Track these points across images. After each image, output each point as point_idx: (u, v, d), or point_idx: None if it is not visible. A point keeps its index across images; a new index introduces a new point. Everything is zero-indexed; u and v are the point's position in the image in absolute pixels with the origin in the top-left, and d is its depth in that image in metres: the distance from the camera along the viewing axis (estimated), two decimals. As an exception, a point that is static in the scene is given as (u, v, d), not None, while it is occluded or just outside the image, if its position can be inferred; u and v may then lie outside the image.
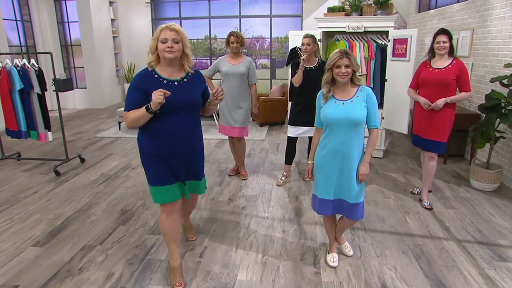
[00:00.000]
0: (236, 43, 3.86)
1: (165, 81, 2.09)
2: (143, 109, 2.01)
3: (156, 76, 2.09)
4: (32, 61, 4.32)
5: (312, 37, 3.67)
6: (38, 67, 4.31)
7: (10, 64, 4.30)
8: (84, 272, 2.54)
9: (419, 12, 6.88)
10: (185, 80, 2.16)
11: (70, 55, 9.28)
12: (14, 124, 4.47)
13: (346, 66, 2.22)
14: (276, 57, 9.62)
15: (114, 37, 9.43)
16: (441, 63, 3.29)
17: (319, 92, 2.40)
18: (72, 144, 5.77)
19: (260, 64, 9.92)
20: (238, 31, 4.58)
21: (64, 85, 4.46)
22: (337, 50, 2.26)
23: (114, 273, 2.53)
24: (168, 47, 2.02)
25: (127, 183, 4.16)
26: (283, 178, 4.13)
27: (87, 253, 2.78)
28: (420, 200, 3.63)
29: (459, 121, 4.13)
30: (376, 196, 3.78)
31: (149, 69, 2.11)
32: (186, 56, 2.13)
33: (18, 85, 4.26)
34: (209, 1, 9.28)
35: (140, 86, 2.07)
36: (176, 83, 2.12)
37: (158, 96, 1.92)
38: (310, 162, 2.50)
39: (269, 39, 9.44)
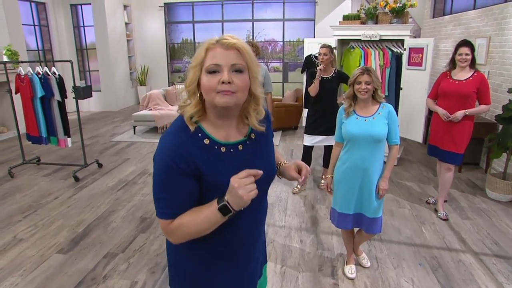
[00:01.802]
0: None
1: (223, 148, 1.12)
2: (212, 212, 1.04)
3: (207, 141, 1.10)
4: (53, 69, 4.43)
5: (329, 47, 3.71)
6: (59, 75, 4.42)
7: (32, 72, 4.41)
8: (108, 280, 2.61)
9: (433, 17, 6.85)
10: (252, 137, 1.19)
11: (85, 58, 9.44)
12: (35, 130, 4.58)
13: (367, 83, 2.26)
14: (288, 60, 9.66)
15: (128, 40, 9.57)
16: (462, 74, 3.29)
17: (340, 108, 2.44)
18: (89, 148, 5.88)
19: (272, 67, 9.96)
20: (254, 39, 4.63)
21: (84, 92, 4.56)
22: (359, 67, 2.31)
23: (137, 281, 2.60)
24: (223, 82, 1.03)
25: (145, 189, 4.24)
26: (298, 186, 4.17)
27: (110, 261, 2.86)
28: (436, 210, 3.64)
29: (475, 129, 4.10)
30: (391, 205, 3.80)
31: (191, 128, 1.09)
32: (254, 99, 1.15)
33: (39, 92, 4.37)
34: (222, 5, 9.36)
35: (183, 166, 1.04)
36: (240, 146, 1.15)
37: (249, 186, 1.01)
38: (329, 176, 2.54)
39: (281, 43, 9.48)
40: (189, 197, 1.08)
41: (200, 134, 1.10)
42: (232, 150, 1.13)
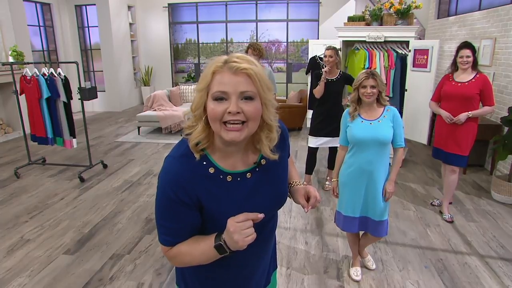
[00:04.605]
0: (255, 56, 3.89)
1: (229, 177, 1.06)
2: (208, 247, 1.02)
3: (212, 170, 1.04)
4: (59, 70, 4.46)
5: (334, 49, 3.71)
6: (65, 76, 4.44)
7: (38, 73, 4.44)
8: (115, 282, 2.63)
9: (438, 18, 6.83)
10: (263, 163, 1.11)
11: (90, 59, 9.48)
12: (42, 131, 4.61)
13: (372, 87, 2.27)
14: (292, 60, 9.67)
15: (132, 41, 9.59)
16: (464, 76, 3.29)
17: (345, 112, 2.45)
18: (94, 148, 5.90)
19: (275, 67, 9.98)
20: (257, 41, 4.62)
21: (89, 93, 4.59)
22: (364, 71, 2.32)
23: (143, 283, 2.62)
24: (230, 113, 0.95)
25: (150, 190, 4.26)
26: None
27: (116, 262, 2.87)
28: (441, 212, 3.63)
29: (480, 131, 4.10)
30: (396, 207, 3.80)
31: (196, 156, 1.03)
32: (267, 126, 1.05)
33: (45, 93, 4.39)
34: (226, 5, 9.37)
35: (184, 197, 1.01)
36: (248, 174, 1.09)
37: (245, 231, 0.97)
38: (334, 180, 2.54)
39: (285, 43, 9.49)
40: (189, 227, 1.06)
41: (205, 162, 1.04)
42: (239, 179, 1.07)
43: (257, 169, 1.10)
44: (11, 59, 6.12)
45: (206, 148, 1.05)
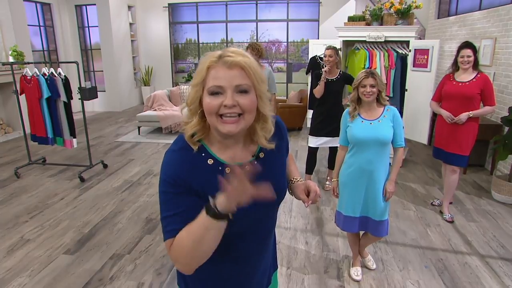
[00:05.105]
0: (254, 56, 3.88)
1: (227, 169, 1.04)
2: (202, 218, 0.93)
3: (210, 161, 1.05)
4: (59, 70, 4.46)
5: (334, 49, 3.72)
6: (65, 76, 4.44)
7: (38, 73, 4.43)
8: (115, 282, 2.63)
9: (438, 18, 6.83)
10: (261, 156, 1.12)
11: (90, 59, 9.48)
12: (42, 130, 4.60)
13: (371, 86, 2.27)
14: (292, 61, 9.67)
15: (132, 40, 9.59)
16: (465, 76, 3.28)
17: (345, 112, 2.45)
18: (94, 148, 5.90)
19: (276, 67, 9.98)
20: (256, 42, 4.62)
21: (89, 93, 4.59)
22: (363, 70, 2.32)
23: (144, 283, 2.62)
24: (226, 106, 0.96)
25: (150, 190, 4.26)
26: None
27: (117, 262, 2.87)
28: (441, 212, 3.63)
29: (480, 131, 4.09)
30: (396, 207, 3.79)
31: (193, 147, 1.04)
32: (263, 118, 1.07)
33: (45, 93, 4.39)
34: (226, 5, 9.37)
35: (184, 185, 1.01)
36: (247, 167, 1.01)
37: (241, 184, 0.88)
38: (334, 180, 2.54)
39: (285, 43, 9.49)
40: (191, 212, 0.98)
41: (203, 154, 1.04)
42: None
43: (255, 162, 1.10)
44: (11, 59, 6.12)
45: (203, 140, 1.06)
